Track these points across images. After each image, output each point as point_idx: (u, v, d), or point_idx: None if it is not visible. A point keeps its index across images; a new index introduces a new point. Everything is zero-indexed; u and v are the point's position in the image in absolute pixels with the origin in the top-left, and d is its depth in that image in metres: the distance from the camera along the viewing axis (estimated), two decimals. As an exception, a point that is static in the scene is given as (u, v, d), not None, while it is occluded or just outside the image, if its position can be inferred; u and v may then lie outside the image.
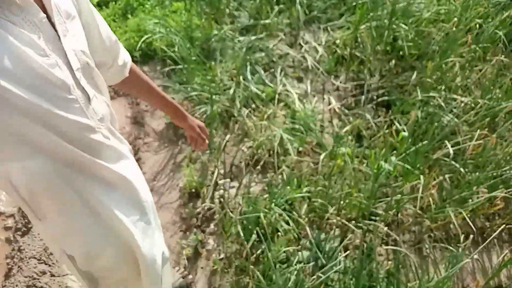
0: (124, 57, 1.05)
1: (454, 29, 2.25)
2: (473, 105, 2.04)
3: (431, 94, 2.15)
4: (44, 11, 0.73)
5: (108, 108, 0.91)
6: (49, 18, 0.73)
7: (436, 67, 2.25)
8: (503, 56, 2.24)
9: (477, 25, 2.32)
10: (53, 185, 0.81)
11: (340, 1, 3.10)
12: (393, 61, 2.60)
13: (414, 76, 2.32)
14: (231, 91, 2.52)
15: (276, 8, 2.99)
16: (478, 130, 1.74)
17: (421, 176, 1.67)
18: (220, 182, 2.20)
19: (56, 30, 0.74)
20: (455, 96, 2.09)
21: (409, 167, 1.79)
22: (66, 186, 0.83)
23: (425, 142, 1.81)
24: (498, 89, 2.07)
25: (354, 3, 3.01)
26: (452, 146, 1.75)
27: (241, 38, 2.85)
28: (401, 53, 2.59)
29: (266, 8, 3.03)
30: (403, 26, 2.51)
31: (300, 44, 2.90)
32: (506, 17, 2.27)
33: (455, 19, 2.21)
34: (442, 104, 2.02)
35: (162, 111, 1.35)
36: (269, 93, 2.52)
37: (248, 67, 2.62)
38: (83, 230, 0.93)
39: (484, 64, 2.25)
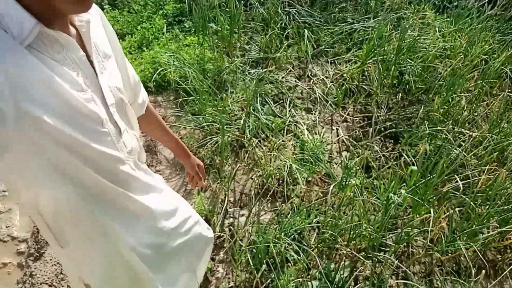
0: (143, 96, 1.10)
1: (460, 64, 2.27)
2: (481, 139, 2.04)
3: (439, 128, 2.15)
4: (84, 50, 0.77)
5: (137, 142, 0.94)
6: (88, 56, 0.78)
7: (443, 101, 2.26)
8: (509, 91, 2.25)
9: (483, 61, 2.35)
10: (78, 215, 0.84)
11: (346, 36, 3.17)
12: (400, 95, 2.62)
13: (421, 110, 2.33)
14: (242, 121, 2.54)
15: (285, 42, 3.05)
16: (488, 165, 1.73)
17: (431, 210, 1.65)
18: (230, 210, 2.19)
19: (94, 68, 0.79)
20: (463, 130, 2.09)
21: (418, 200, 1.77)
22: (90, 217, 0.86)
23: (434, 175, 1.80)
24: (506, 124, 2.07)
25: (360, 38, 3.07)
26: (461, 180, 1.74)
27: (251, 71, 2.90)
28: (407, 86, 2.62)
29: (276, 42, 3.10)
30: (409, 61, 2.54)
31: (308, 76, 2.94)
32: (511, 54, 2.30)
33: (461, 55, 2.24)
34: (450, 138, 2.01)
35: (168, 147, 1.41)
36: (278, 124, 2.54)
37: (258, 98, 2.65)
38: (101, 260, 0.95)
39: (491, 99, 2.26)
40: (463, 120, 2.26)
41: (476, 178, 1.78)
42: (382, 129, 2.51)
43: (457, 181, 1.80)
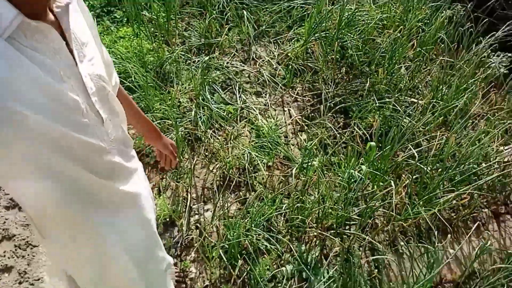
0: (116, 78, 1.06)
1: (398, 34, 2.31)
2: (426, 105, 2.11)
3: (386, 99, 2.19)
4: (63, 37, 0.74)
5: (121, 130, 0.92)
6: (67, 45, 0.75)
7: (387, 72, 2.30)
8: (445, 55, 2.34)
9: (420, 29, 2.41)
10: (58, 210, 0.82)
11: (285, 14, 3.12)
12: (345, 69, 2.65)
13: (367, 83, 2.37)
14: (193, 113, 2.43)
15: (226, 26, 2.94)
16: (438, 131, 1.79)
17: (392, 182, 1.69)
18: (194, 207, 2.12)
19: (73, 56, 0.75)
20: (408, 98, 2.15)
21: (378, 173, 1.81)
22: (70, 213, 0.84)
23: (388, 147, 1.85)
24: (447, 89, 2.16)
25: (299, 15, 3.04)
26: (414, 148, 1.79)
27: (195, 59, 2.77)
28: (351, 60, 2.64)
29: (215, 26, 2.97)
30: (350, 35, 2.55)
31: (253, 59, 2.87)
32: (444, 19, 2.38)
33: (398, 25, 2.28)
34: (398, 108, 2.07)
35: (140, 130, 1.35)
36: (230, 112, 2.47)
37: (206, 87, 2.55)
38: (81, 256, 0.95)
39: (430, 65, 2.33)
40: (406, 88, 2.33)
41: (427, 145, 1.84)
42: (332, 105, 2.53)
43: (410, 150, 1.86)
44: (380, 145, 2.08)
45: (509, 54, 2.39)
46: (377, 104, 2.19)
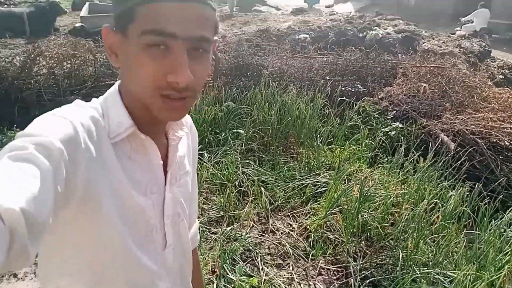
0: (196, 230, 0.97)
1: (418, 209, 2.30)
2: (465, 279, 1.92)
3: (421, 274, 2.00)
4: (165, 158, 0.74)
5: (181, 263, 0.83)
6: (165, 165, 0.74)
7: (414, 246, 2.19)
8: (466, 229, 2.27)
9: (438, 205, 2.41)
10: None
11: (299, 191, 3.17)
12: (367, 242, 2.52)
13: (394, 257, 2.22)
14: (214, 286, 2.15)
15: (242, 200, 2.93)
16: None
17: None
18: None
19: (166, 177, 0.75)
20: (449, 273, 1.97)
21: None
22: None
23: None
24: (482, 262, 2.01)
25: (312, 193, 3.08)
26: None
27: (214, 230, 2.64)
28: (371, 234, 2.54)
29: (234, 200, 2.96)
30: (370, 212, 2.53)
31: (272, 231, 2.75)
32: (458, 197, 2.41)
33: (412, 201, 2.28)
34: (442, 280, 1.86)
35: None
36: (254, 285, 2.20)
37: (227, 259, 2.33)
38: None
39: (457, 239, 2.24)
40: (436, 261, 2.17)
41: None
42: (359, 278, 2.29)
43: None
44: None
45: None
46: (411, 278, 1.98)
